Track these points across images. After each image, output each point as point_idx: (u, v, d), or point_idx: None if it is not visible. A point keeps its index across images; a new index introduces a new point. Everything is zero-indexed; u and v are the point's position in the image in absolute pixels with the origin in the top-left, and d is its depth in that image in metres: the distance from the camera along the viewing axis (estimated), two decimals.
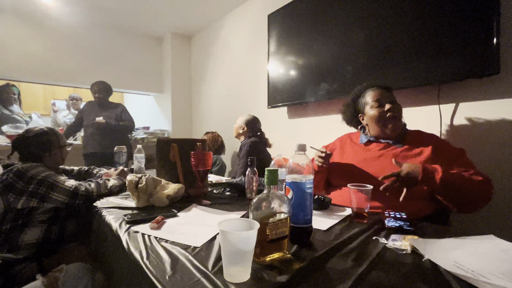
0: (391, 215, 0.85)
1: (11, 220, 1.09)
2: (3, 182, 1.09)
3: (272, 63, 2.33)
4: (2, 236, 1.07)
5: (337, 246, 0.66)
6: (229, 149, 2.92)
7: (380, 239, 0.70)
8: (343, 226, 0.81)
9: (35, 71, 2.95)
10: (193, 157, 1.07)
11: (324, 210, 0.98)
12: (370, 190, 0.86)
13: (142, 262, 0.57)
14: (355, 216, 0.88)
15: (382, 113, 1.12)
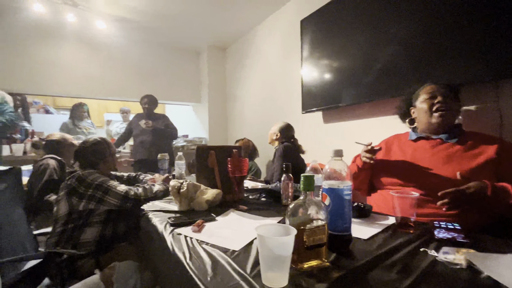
0: (441, 226, 0.78)
1: (74, 220, 1.23)
2: (68, 187, 1.25)
3: (305, 68, 2.32)
4: (67, 234, 1.22)
5: (380, 256, 0.63)
6: (264, 155, 2.95)
7: (429, 251, 0.64)
8: (386, 236, 0.76)
9: (92, 88, 3.34)
10: (229, 163, 1.11)
11: (364, 218, 0.94)
12: (415, 198, 0.80)
13: (185, 263, 0.61)
14: (399, 225, 0.83)
15: (431, 105, 1.08)
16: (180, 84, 3.90)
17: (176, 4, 2.70)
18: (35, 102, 4.47)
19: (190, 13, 2.88)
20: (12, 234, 1.29)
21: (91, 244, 1.24)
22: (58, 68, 3.10)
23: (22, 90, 3.05)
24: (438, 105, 1.06)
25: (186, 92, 3.96)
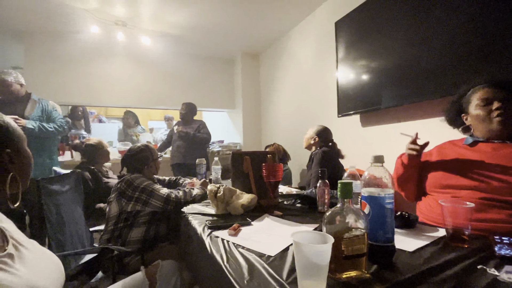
0: (504, 241, 0.69)
1: (123, 220, 1.35)
2: (118, 190, 1.38)
3: (341, 70, 2.25)
4: (117, 232, 1.34)
5: (428, 271, 0.58)
6: (296, 159, 2.91)
7: (488, 269, 0.57)
8: (436, 249, 0.70)
9: (137, 98, 3.65)
10: (264, 168, 1.12)
11: (409, 229, 0.87)
12: (471, 209, 0.72)
13: (223, 265, 0.63)
14: (451, 238, 0.75)
15: (487, 112, 0.96)
16: (215, 91, 4.06)
17: (212, 17, 2.84)
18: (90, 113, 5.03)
19: (225, 24, 3.00)
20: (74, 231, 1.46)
21: (137, 243, 1.34)
22: (109, 81, 3.45)
23: (80, 103, 3.46)
24: (496, 112, 0.95)
25: (221, 99, 4.11)
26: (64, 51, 3.20)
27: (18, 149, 0.56)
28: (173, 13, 2.75)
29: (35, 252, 0.60)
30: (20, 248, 0.56)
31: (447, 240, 0.76)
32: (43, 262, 0.60)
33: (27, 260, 0.55)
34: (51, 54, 3.16)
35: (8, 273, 0.48)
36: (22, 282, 0.49)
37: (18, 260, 0.53)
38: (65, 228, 1.38)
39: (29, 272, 0.53)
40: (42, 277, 0.55)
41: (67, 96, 3.24)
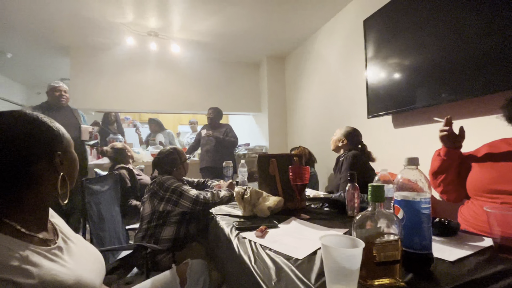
0: None
1: (156, 219, 1.42)
2: (151, 191, 1.45)
3: (370, 69, 2.17)
4: (150, 231, 1.42)
5: (472, 284, 0.53)
6: (323, 163, 2.84)
7: None
8: (481, 260, 0.64)
9: (168, 104, 3.84)
10: (291, 171, 1.11)
11: (449, 236, 0.81)
12: None
13: (251, 266, 0.64)
14: (499, 249, 0.68)
15: None
16: (241, 95, 4.13)
17: (238, 23, 2.90)
18: (126, 118, 5.40)
19: (251, 29, 3.05)
20: (112, 228, 1.57)
21: (169, 241, 1.40)
22: (143, 88, 3.68)
23: (117, 109, 3.72)
24: None
25: (247, 103, 4.16)
26: (104, 62, 3.48)
27: (67, 152, 0.61)
28: (201, 21, 2.86)
29: (81, 246, 0.65)
30: (68, 242, 0.62)
31: (495, 251, 0.69)
32: (87, 255, 0.65)
33: (74, 253, 0.60)
34: (92, 66, 3.45)
35: (59, 264, 0.53)
36: (70, 272, 0.54)
37: (66, 253, 0.58)
38: (105, 225, 1.49)
39: (75, 264, 0.58)
40: (87, 269, 0.60)
41: (106, 103, 3.51)
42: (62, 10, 2.55)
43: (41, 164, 0.55)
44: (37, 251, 0.51)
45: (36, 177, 0.55)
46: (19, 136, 0.53)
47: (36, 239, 0.54)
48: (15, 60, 3.69)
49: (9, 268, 0.44)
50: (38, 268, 0.48)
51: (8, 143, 0.52)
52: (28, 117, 0.56)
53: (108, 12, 2.62)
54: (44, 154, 0.56)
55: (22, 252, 0.48)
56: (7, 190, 0.53)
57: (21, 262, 0.46)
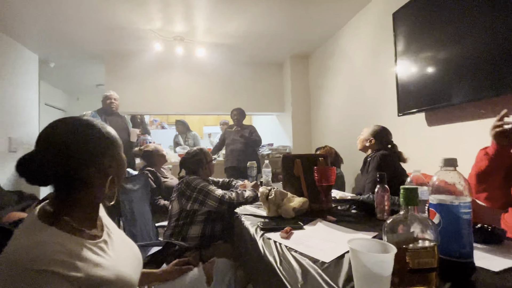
0: None
1: (183, 217, 1.47)
2: (179, 190, 1.51)
3: (401, 64, 2.05)
4: (178, 228, 1.47)
5: None
6: (350, 163, 2.75)
7: None
8: None
9: (194, 105, 3.95)
10: (316, 172, 1.09)
11: (493, 244, 0.74)
12: None
13: (276, 267, 0.63)
14: None
15: None
16: (264, 95, 4.13)
17: (261, 24, 2.91)
18: (155, 120, 5.66)
19: (274, 29, 3.04)
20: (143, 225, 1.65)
21: (195, 239, 1.44)
22: (170, 91, 3.83)
23: (146, 112, 3.91)
24: None
25: (270, 103, 4.16)
26: (134, 68, 3.68)
27: (116, 155, 0.64)
28: (225, 24, 2.91)
29: (121, 241, 0.69)
30: (111, 235, 0.66)
31: None
32: (126, 250, 0.69)
33: (116, 247, 0.64)
34: (124, 71, 3.66)
35: (103, 259, 0.57)
36: (112, 268, 0.57)
37: (110, 247, 0.62)
38: (136, 222, 1.57)
39: (117, 258, 0.61)
40: (126, 265, 0.64)
41: (137, 107, 3.71)
42: (97, 20, 2.74)
43: (92, 169, 0.59)
44: (86, 245, 0.55)
45: (88, 180, 0.59)
46: (76, 141, 0.57)
47: (87, 235, 0.58)
48: (57, 69, 4.04)
49: (59, 262, 0.48)
50: (85, 263, 0.52)
51: (63, 150, 0.56)
52: (82, 123, 0.60)
53: (137, 20, 2.77)
54: (95, 159, 0.59)
55: (73, 247, 0.52)
56: (65, 192, 0.58)
57: (70, 257, 0.50)
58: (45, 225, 0.53)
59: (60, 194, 0.58)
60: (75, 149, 0.57)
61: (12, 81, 3.05)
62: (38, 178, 0.55)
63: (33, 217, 0.54)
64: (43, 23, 2.77)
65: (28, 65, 3.37)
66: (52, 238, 0.51)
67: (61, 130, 0.58)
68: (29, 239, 0.50)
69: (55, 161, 0.55)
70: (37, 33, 2.99)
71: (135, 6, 2.50)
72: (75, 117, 0.62)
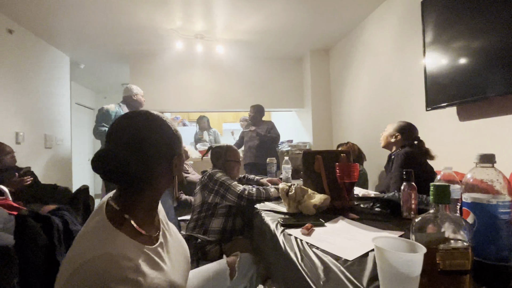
0: None
1: (205, 210, 1.51)
2: (202, 182, 1.54)
3: (430, 55, 1.94)
4: (201, 221, 1.50)
5: None
6: (373, 160, 2.65)
7: None
8: None
9: (214, 102, 4.01)
10: (338, 168, 1.06)
11: None
12: None
13: (297, 263, 0.63)
14: None
15: None
16: (283, 91, 4.09)
17: (280, 19, 2.87)
18: (176, 118, 5.81)
19: (293, 24, 2.99)
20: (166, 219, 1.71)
21: (217, 232, 1.47)
22: (190, 89, 3.91)
23: (168, 109, 4.02)
24: None
25: (290, 99, 4.11)
26: (157, 66, 3.80)
27: (181, 154, 0.62)
28: (244, 20, 2.91)
29: (174, 240, 0.66)
30: (166, 234, 0.63)
31: None
32: (179, 254, 0.65)
33: (170, 250, 0.61)
34: (147, 70, 3.80)
35: (161, 268, 0.54)
36: (167, 275, 0.55)
37: (166, 250, 0.59)
38: None
39: (171, 265, 0.58)
40: (178, 272, 0.60)
41: (160, 104, 3.83)
42: (122, 22, 2.85)
43: (163, 165, 0.57)
44: (146, 251, 0.53)
45: (157, 177, 0.57)
46: (154, 140, 0.55)
47: (146, 238, 0.56)
48: (86, 69, 4.27)
49: (127, 280, 0.46)
50: (145, 277, 0.50)
51: (146, 148, 0.54)
52: (159, 120, 0.58)
53: (159, 20, 2.84)
54: (167, 156, 0.58)
55: (136, 260, 0.49)
56: (133, 187, 0.56)
57: (136, 273, 0.48)
58: (113, 229, 0.51)
59: (126, 192, 0.56)
60: (151, 145, 0.55)
61: (47, 82, 3.28)
62: (114, 176, 0.53)
63: (102, 215, 0.53)
64: (74, 27, 2.94)
65: (61, 67, 3.60)
66: (122, 250, 0.49)
67: (137, 125, 0.55)
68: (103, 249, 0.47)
69: (132, 158, 0.53)
70: (69, 37, 3.18)
71: (157, 6, 2.57)
72: (148, 112, 0.58)
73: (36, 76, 3.06)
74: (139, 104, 2.85)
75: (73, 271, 0.45)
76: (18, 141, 2.75)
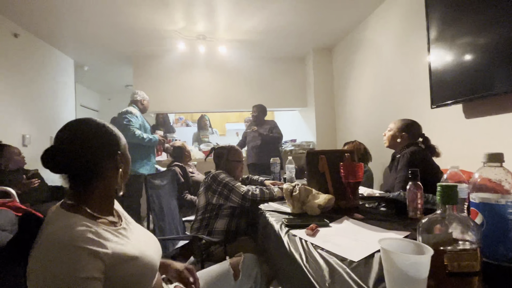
0: None
1: (209, 211, 1.50)
2: (205, 184, 1.54)
3: (434, 52, 1.91)
4: (205, 222, 1.51)
5: None
6: (378, 159, 2.63)
7: None
8: None
9: (216, 103, 4.01)
10: (342, 168, 1.05)
11: None
12: None
13: (302, 264, 0.63)
14: None
15: None
16: (287, 90, 4.07)
17: (282, 18, 2.86)
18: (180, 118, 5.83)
19: (295, 23, 2.98)
20: (171, 219, 1.72)
21: (221, 233, 1.47)
22: (193, 90, 3.91)
23: (171, 110, 4.03)
24: None
25: (293, 98, 4.09)
26: (160, 68, 3.82)
27: (124, 152, 0.72)
28: (246, 20, 2.90)
29: (139, 230, 0.77)
30: (129, 225, 0.73)
31: None
32: (145, 237, 0.76)
33: (135, 233, 0.71)
34: (150, 72, 3.81)
35: (125, 240, 0.64)
36: (133, 247, 0.64)
37: (129, 232, 0.69)
38: (165, 216, 1.64)
39: (138, 241, 0.68)
40: (147, 247, 0.70)
41: (163, 106, 3.85)
42: (125, 24, 2.87)
43: (107, 161, 0.67)
44: (107, 229, 0.62)
45: (104, 171, 0.66)
46: (93, 138, 0.66)
47: (106, 221, 0.65)
48: (90, 72, 4.31)
49: (88, 239, 0.54)
50: (109, 241, 0.58)
51: (86, 144, 0.64)
52: (98, 123, 0.68)
53: (161, 21, 2.85)
54: (110, 153, 0.68)
55: (96, 228, 0.58)
56: (84, 182, 0.65)
57: (96, 235, 0.56)
58: (70, 213, 0.59)
59: (78, 187, 0.65)
60: (94, 143, 0.65)
61: (52, 84, 3.31)
62: (62, 167, 0.62)
63: (57, 208, 0.62)
64: (78, 30, 2.97)
65: (65, 69, 3.63)
66: (79, 221, 0.57)
67: (81, 127, 0.66)
68: (61, 223, 0.56)
69: (76, 153, 0.62)
70: (72, 40, 3.21)
71: (159, 8, 2.58)
72: (89, 118, 0.69)
73: (41, 79, 3.10)
74: (145, 109, 2.97)
75: (41, 245, 0.53)
76: (24, 144, 2.78)
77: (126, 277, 0.59)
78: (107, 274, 0.55)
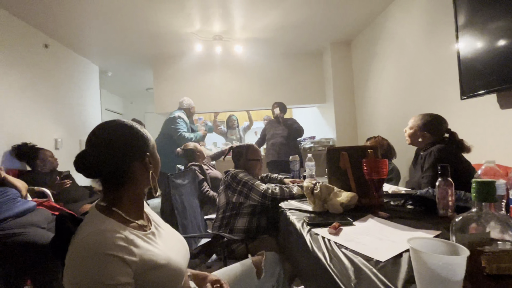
0: None
1: (230, 209, 1.52)
2: (225, 183, 1.56)
3: (464, 39, 1.79)
4: (226, 220, 1.52)
5: None
6: (402, 155, 2.52)
7: None
8: None
9: (235, 102, 4.04)
10: (365, 165, 1.02)
11: None
12: None
13: (326, 263, 0.61)
14: None
15: None
16: (305, 87, 4.01)
17: (297, 13, 2.81)
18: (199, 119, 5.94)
19: (311, 17, 2.92)
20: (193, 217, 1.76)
21: (242, 231, 1.48)
22: (211, 90, 3.97)
23: None
24: None
25: (311, 94, 4.03)
26: (178, 70, 3.91)
27: (153, 153, 0.73)
28: (261, 18, 2.89)
29: (169, 233, 0.77)
30: (159, 228, 0.73)
31: None
32: (174, 240, 0.76)
33: (164, 238, 0.71)
34: (170, 74, 3.92)
35: (153, 246, 0.64)
36: (162, 253, 0.64)
37: (158, 237, 0.69)
38: (187, 215, 1.68)
39: (165, 247, 0.68)
40: (174, 252, 0.70)
41: None
42: (144, 29, 2.97)
43: (137, 163, 0.67)
44: (137, 234, 0.63)
45: (134, 174, 0.67)
46: (122, 141, 0.66)
47: (136, 225, 0.66)
48: (113, 77, 4.51)
49: (119, 247, 0.56)
50: (138, 248, 0.59)
51: (115, 147, 0.65)
52: (126, 125, 0.68)
53: (179, 24, 2.92)
54: (139, 155, 0.68)
55: (127, 234, 0.59)
56: (115, 185, 0.66)
57: (126, 242, 0.57)
58: (104, 216, 0.61)
59: (109, 190, 0.66)
60: (120, 146, 0.65)
61: (80, 90, 3.51)
62: (94, 172, 0.64)
63: (94, 210, 0.64)
64: (102, 38, 3.12)
65: (91, 76, 3.83)
66: (111, 227, 0.59)
67: (108, 131, 0.66)
68: (94, 227, 0.58)
69: (105, 157, 0.63)
70: (97, 47, 3.38)
71: (176, 11, 2.64)
72: (117, 120, 0.69)
73: (69, 85, 3.29)
74: (193, 114, 3.47)
75: (73, 249, 0.55)
76: (57, 147, 2.97)
77: (153, 283, 0.60)
78: (135, 279, 0.57)
